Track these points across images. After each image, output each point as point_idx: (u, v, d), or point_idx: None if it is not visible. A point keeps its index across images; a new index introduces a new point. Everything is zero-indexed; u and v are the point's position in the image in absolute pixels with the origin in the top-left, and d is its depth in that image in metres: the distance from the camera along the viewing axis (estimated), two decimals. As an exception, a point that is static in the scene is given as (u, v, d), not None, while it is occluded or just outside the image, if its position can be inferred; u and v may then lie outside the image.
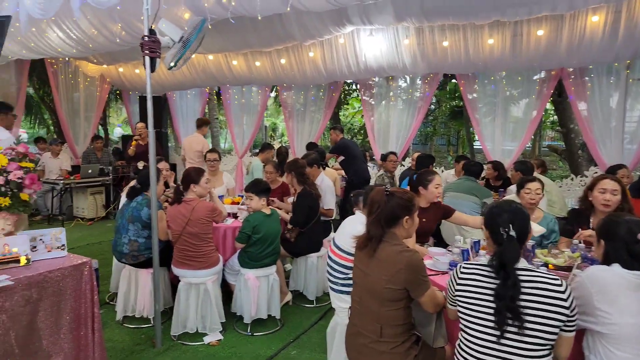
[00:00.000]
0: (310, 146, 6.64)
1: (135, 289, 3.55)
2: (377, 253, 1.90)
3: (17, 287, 2.00)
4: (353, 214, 3.22)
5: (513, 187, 4.22)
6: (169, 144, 10.87)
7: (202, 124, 6.77)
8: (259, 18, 3.55)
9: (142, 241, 3.37)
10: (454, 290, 1.77)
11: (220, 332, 3.40)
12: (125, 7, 3.55)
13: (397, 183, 5.72)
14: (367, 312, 1.96)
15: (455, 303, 1.78)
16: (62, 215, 7.25)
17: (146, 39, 2.81)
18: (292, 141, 8.27)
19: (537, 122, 6.20)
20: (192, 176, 3.38)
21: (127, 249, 3.38)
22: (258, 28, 5.23)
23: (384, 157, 5.63)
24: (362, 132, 13.74)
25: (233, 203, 4.43)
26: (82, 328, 2.26)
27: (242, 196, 4.82)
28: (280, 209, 4.04)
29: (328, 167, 5.94)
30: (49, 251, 2.31)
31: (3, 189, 2.22)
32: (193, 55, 3.69)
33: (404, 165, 7.24)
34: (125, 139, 9.22)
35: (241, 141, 8.61)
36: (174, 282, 3.71)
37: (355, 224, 2.37)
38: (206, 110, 10.90)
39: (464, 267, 1.76)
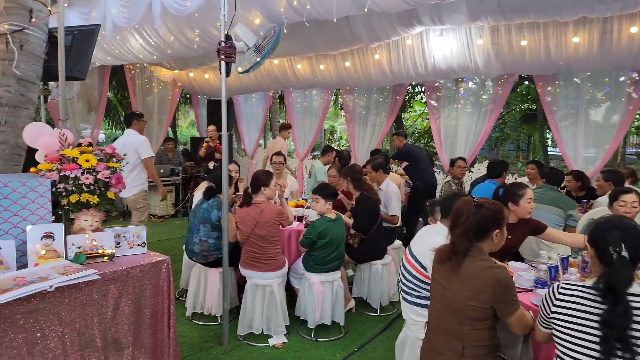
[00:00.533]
0: (374, 152, 6.54)
1: (205, 287, 3.65)
2: (461, 268, 1.77)
3: (102, 281, 2.09)
4: (426, 223, 3.08)
5: (602, 199, 3.86)
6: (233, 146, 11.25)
7: (283, 127, 6.92)
8: (334, 20, 3.51)
9: (211, 242, 3.46)
10: (549, 312, 1.61)
11: (285, 335, 3.40)
12: (202, 14, 3.68)
13: (466, 191, 5.46)
14: (447, 329, 1.84)
15: (549, 325, 1.61)
16: None
17: (222, 44, 2.87)
18: (353, 145, 8.20)
19: (626, 127, 5.66)
20: (262, 179, 3.41)
21: (198, 248, 3.48)
22: (324, 31, 5.23)
23: (452, 163, 5.40)
24: (425, 136, 13.33)
25: (297, 206, 4.44)
26: (159, 324, 2.33)
27: (307, 199, 4.83)
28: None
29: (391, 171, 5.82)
30: (130, 248, 2.41)
31: (92, 187, 2.35)
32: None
33: (472, 172, 6.92)
34: (194, 141, 9.63)
35: (302, 144, 8.69)
36: (240, 282, 3.78)
37: (434, 235, 2.24)
38: (268, 114, 11.15)
39: (563, 288, 1.59)
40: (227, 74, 2.90)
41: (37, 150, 2.48)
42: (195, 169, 8.24)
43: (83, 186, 2.32)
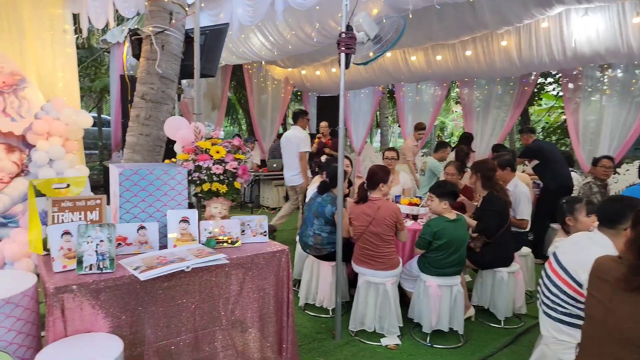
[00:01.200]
0: (497, 148, 6.00)
1: (317, 280, 3.68)
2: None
3: (230, 265, 2.18)
4: (564, 224, 2.69)
5: None
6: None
7: (419, 128, 6.67)
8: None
9: (324, 236, 3.46)
10: None
11: (398, 336, 3.27)
12: (323, 7, 3.69)
13: (610, 194, 4.71)
14: (608, 356, 1.53)
15: None
16: (251, 203, 8.18)
17: (343, 35, 2.82)
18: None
19: None
20: (381, 175, 3.31)
21: (312, 241, 3.51)
22: (444, 19, 4.92)
23: (595, 162, 4.69)
24: (557, 132, 11.88)
25: (410, 204, 4.24)
26: (279, 312, 2.37)
27: (421, 197, 4.60)
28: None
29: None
30: (253, 236, 2.49)
31: (222, 177, 2.47)
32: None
33: (618, 173, 5.97)
34: (306, 137, 9.92)
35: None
36: (350, 277, 3.73)
37: (592, 246, 1.91)
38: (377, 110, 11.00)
39: None
40: (347, 65, 2.84)
41: (173, 142, 2.70)
42: (307, 163, 8.47)
43: (214, 176, 2.45)
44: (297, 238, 4.02)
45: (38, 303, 1.93)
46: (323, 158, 5.66)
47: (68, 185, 2.30)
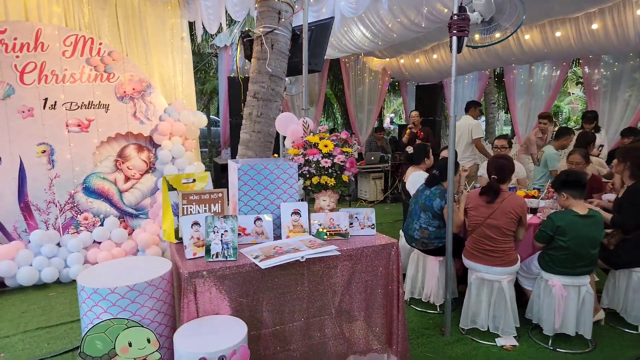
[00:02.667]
0: (629, 132, 5.25)
1: (423, 274, 3.57)
2: None
3: (340, 257, 2.20)
4: None
5: None
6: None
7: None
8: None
9: (432, 230, 3.33)
10: None
11: (514, 337, 3.04)
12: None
13: None
14: None
15: None
16: (348, 196, 8.23)
17: (455, 17, 2.66)
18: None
19: None
20: (510, 167, 3.12)
21: (418, 235, 3.41)
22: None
23: None
24: None
25: (527, 196, 3.90)
26: (389, 305, 2.34)
27: (538, 189, 4.22)
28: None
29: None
30: (361, 228, 2.48)
31: (330, 170, 2.49)
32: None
33: None
34: (402, 129, 9.71)
35: (524, 128, 7.72)
36: (458, 272, 3.56)
37: None
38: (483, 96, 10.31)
39: None
40: (459, 49, 2.68)
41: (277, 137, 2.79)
42: (402, 156, 8.29)
43: (322, 169, 2.49)
44: (401, 231, 3.93)
45: (172, 286, 2.15)
46: (409, 149, 5.47)
47: (194, 180, 2.51)
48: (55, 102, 4.25)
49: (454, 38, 2.64)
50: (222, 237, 2.08)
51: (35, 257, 4.01)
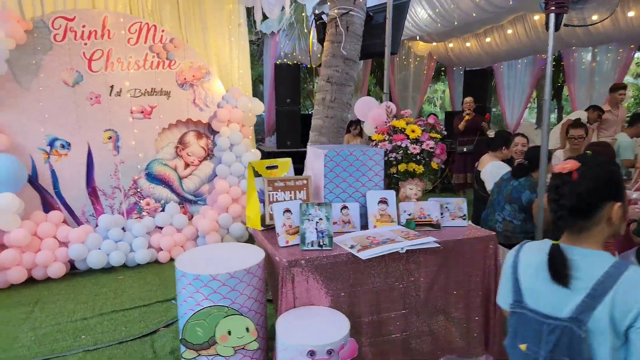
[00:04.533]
0: None
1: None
2: None
3: (436, 250, 2.10)
4: None
5: None
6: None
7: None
8: None
9: (517, 223, 3.15)
10: None
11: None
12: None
13: None
14: None
15: None
16: (441, 183, 7.97)
17: (550, -7, 2.47)
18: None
19: None
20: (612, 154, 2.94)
21: (500, 227, 3.24)
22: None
23: None
24: None
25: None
26: (486, 303, 2.23)
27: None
28: None
29: None
30: (452, 219, 2.37)
31: (418, 157, 2.39)
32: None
33: None
34: (449, 115, 9.41)
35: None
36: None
37: None
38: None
39: None
40: (557, 27, 2.49)
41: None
42: (454, 144, 8.01)
43: (410, 156, 2.39)
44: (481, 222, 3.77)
45: (265, 273, 2.11)
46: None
47: (277, 167, 2.46)
48: (121, 89, 4.30)
49: (552, 15, 2.45)
50: (316, 225, 2.02)
51: (103, 241, 4.11)
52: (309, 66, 8.16)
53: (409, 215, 2.32)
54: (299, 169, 2.38)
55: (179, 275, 1.91)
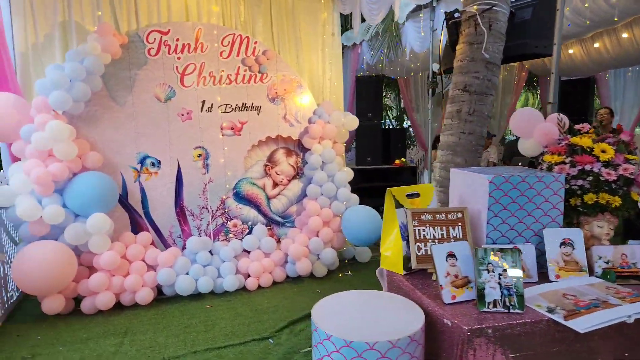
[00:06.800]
0: None
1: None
2: None
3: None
4: None
5: None
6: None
7: None
8: None
9: None
10: None
11: None
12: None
13: None
14: None
15: None
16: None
17: None
18: None
19: None
20: None
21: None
22: None
23: None
24: None
25: None
26: None
27: None
28: None
29: None
30: (664, 270, 1.76)
31: (614, 185, 1.81)
32: None
33: None
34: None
35: None
36: None
37: None
38: None
39: None
40: None
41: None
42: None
43: (602, 184, 1.82)
44: None
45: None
46: None
47: (418, 195, 1.99)
48: (212, 104, 4.08)
49: None
50: (499, 278, 1.51)
51: (191, 265, 3.85)
52: (397, 78, 7.70)
53: (606, 263, 1.74)
54: (378, 188, 1.93)
55: (321, 338, 1.48)
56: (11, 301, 3.62)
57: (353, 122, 4.42)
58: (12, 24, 3.60)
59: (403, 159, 7.22)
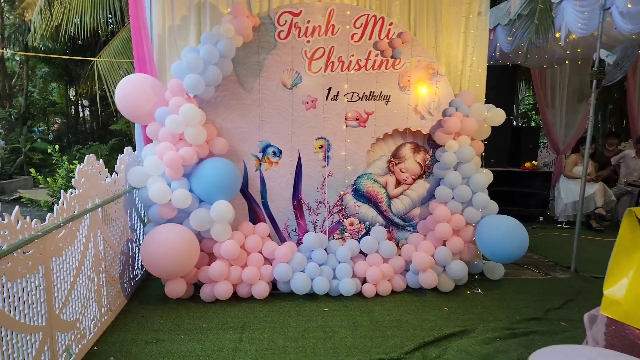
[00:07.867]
0: None
1: None
2: None
3: None
4: None
5: None
6: None
7: None
8: None
9: None
10: None
11: None
12: None
13: None
14: None
15: None
16: None
17: None
18: None
19: None
20: None
21: None
22: None
23: None
24: None
25: None
26: None
27: None
28: None
29: None
30: None
31: None
32: None
33: None
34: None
35: None
36: None
37: None
38: None
39: None
40: None
41: None
42: None
43: None
44: None
45: None
46: None
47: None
48: (338, 92, 3.78)
49: None
50: None
51: (308, 263, 3.61)
52: (533, 69, 6.77)
53: None
54: (500, 194, 1.40)
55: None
56: (136, 279, 3.70)
57: (498, 116, 3.81)
58: (151, 6, 3.63)
59: (535, 162, 6.31)
